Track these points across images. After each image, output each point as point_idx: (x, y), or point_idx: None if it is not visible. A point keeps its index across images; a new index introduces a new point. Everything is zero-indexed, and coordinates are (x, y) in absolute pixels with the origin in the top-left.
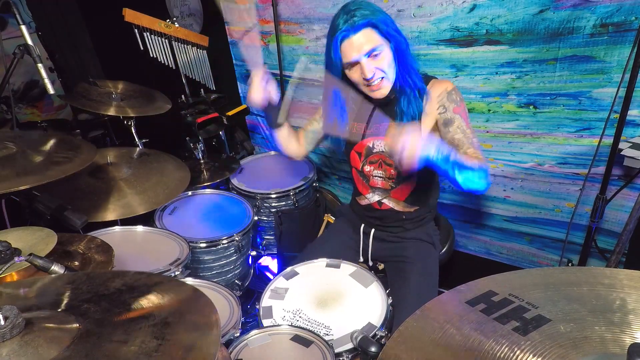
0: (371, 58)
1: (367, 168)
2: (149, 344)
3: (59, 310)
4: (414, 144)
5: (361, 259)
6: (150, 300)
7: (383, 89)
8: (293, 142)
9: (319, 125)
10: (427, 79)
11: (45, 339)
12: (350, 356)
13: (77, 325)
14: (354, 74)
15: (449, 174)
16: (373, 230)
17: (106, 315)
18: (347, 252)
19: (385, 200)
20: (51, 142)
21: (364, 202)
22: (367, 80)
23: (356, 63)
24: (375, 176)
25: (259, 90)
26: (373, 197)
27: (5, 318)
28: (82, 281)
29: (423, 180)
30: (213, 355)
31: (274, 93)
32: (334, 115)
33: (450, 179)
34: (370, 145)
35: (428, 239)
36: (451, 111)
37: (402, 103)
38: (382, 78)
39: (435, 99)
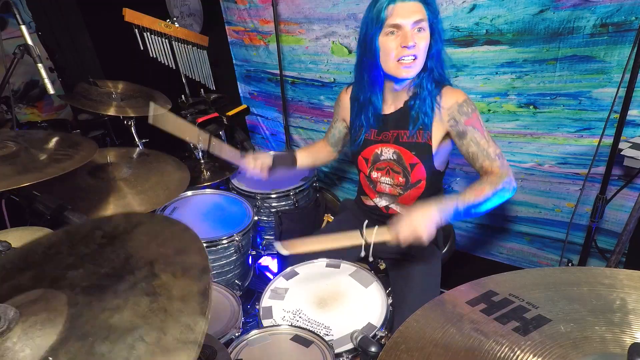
0: (415, 30)
1: (374, 174)
2: (141, 304)
3: (45, 287)
4: (421, 229)
5: (363, 254)
6: (133, 248)
7: (412, 70)
8: (318, 161)
9: (335, 130)
10: (440, 86)
11: (39, 327)
12: (350, 356)
13: (66, 300)
14: (390, 42)
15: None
16: (376, 227)
17: (93, 281)
18: (349, 247)
19: (392, 206)
20: (52, 140)
21: (369, 203)
22: (408, 48)
23: (399, 29)
24: (383, 183)
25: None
26: (380, 202)
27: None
28: (62, 242)
29: (431, 185)
30: (207, 300)
31: (264, 160)
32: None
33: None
34: (378, 152)
35: (431, 238)
36: (463, 124)
37: (415, 109)
38: (416, 58)
39: (446, 110)
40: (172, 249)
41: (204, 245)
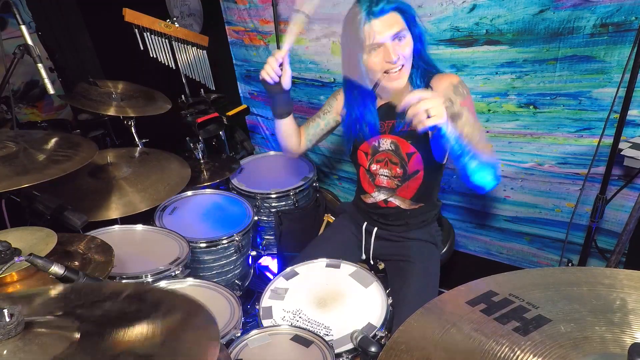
0: (396, 41)
1: (373, 167)
2: (153, 339)
3: (56, 315)
4: (432, 104)
5: (363, 257)
6: (145, 306)
7: (401, 79)
8: (293, 138)
9: (322, 121)
10: (431, 75)
11: (48, 338)
12: (350, 356)
13: (77, 325)
14: (374, 59)
15: (461, 159)
16: (375, 228)
17: (104, 319)
18: (349, 250)
19: (391, 199)
20: (51, 141)
21: (369, 200)
22: (392, 63)
23: (380, 46)
24: (381, 175)
25: (274, 66)
26: (379, 196)
27: (11, 315)
28: (68, 292)
29: (429, 177)
30: (218, 344)
31: (286, 76)
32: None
33: (461, 166)
34: (376, 144)
35: (431, 239)
36: (458, 105)
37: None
38: (403, 66)
39: (441, 92)
40: (182, 311)
41: (204, 245)
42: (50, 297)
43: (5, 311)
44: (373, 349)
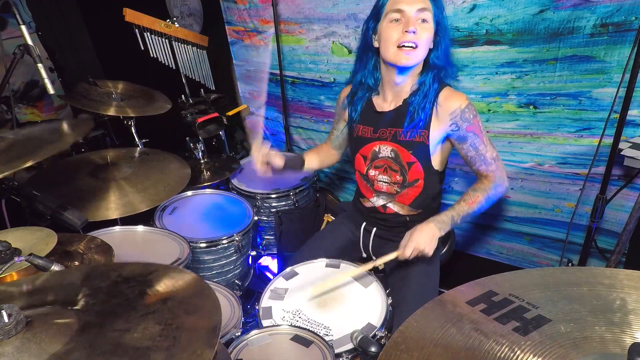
0: (419, 19)
1: (371, 172)
2: (151, 329)
3: (56, 306)
4: (424, 245)
5: (364, 255)
6: (147, 286)
7: (412, 58)
8: (325, 161)
9: (339, 132)
10: (441, 85)
11: (47, 334)
12: (350, 356)
13: (77, 318)
14: (392, 28)
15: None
16: (375, 229)
17: (105, 307)
18: (347, 248)
19: (390, 205)
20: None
21: (367, 204)
22: (409, 32)
23: (402, 14)
24: (380, 181)
25: (261, 163)
26: (377, 201)
27: (9, 315)
28: (75, 274)
29: (429, 184)
30: (216, 337)
31: (276, 159)
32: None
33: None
34: (377, 150)
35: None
36: (464, 130)
37: (413, 105)
38: (417, 47)
39: (448, 115)
40: (185, 292)
41: (204, 245)
42: (51, 283)
43: (4, 312)
44: (373, 349)
